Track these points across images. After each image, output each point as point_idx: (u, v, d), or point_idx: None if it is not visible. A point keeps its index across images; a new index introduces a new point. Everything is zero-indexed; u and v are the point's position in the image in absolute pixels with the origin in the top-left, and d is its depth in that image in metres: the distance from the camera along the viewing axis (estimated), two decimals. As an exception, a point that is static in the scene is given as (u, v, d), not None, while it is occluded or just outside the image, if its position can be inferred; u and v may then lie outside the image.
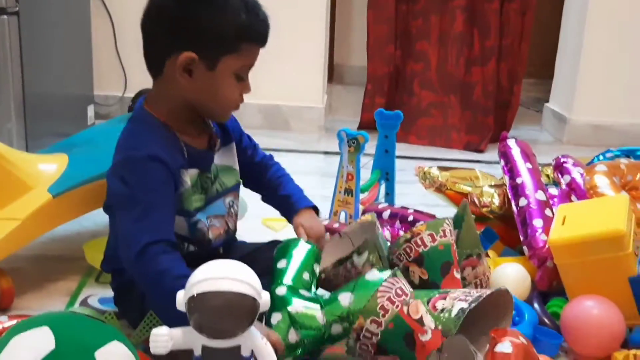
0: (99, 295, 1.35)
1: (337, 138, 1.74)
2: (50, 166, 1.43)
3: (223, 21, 1.07)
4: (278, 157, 1.38)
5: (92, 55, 2.71)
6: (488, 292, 1.03)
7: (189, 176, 1.13)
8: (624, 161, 1.58)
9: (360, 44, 2.99)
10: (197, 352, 0.86)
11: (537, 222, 1.40)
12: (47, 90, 2.23)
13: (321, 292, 1.15)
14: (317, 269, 1.16)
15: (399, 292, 1.02)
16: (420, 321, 1.00)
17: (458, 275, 1.22)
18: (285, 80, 2.90)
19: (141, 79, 2.50)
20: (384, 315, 1.00)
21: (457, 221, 1.31)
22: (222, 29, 1.07)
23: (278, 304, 1.05)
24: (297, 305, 1.05)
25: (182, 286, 0.86)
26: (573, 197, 1.52)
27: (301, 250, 1.15)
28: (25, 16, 1.99)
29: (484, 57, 2.80)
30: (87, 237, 1.57)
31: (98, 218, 1.53)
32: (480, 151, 2.76)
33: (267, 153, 1.38)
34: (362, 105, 3.01)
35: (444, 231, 1.22)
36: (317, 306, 1.06)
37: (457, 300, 1.02)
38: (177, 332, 0.86)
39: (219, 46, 1.08)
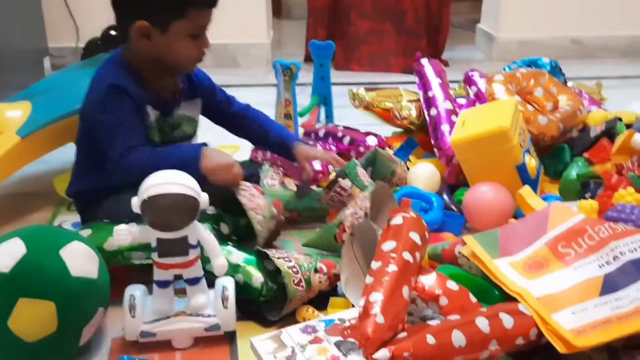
0: (72, 220, 1.52)
1: (273, 69, 1.93)
2: (16, 112, 1.60)
3: None
4: (228, 91, 1.52)
5: (42, 9, 2.80)
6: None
7: (152, 114, 1.31)
8: (522, 70, 1.79)
9: (301, -20, 3.13)
10: (154, 243, 1.06)
11: (445, 127, 1.62)
12: (2, 46, 2.34)
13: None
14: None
15: None
16: None
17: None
18: (230, 19, 2.99)
19: (92, 29, 2.68)
20: None
21: (371, 161, 1.56)
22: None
23: None
24: None
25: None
26: (477, 104, 1.74)
27: None
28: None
29: (413, -16, 2.97)
30: (55, 173, 1.74)
31: (62, 156, 1.70)
32: (418, 72, 2.95)
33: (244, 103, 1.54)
34: (305, 38, 3.17)
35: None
36: None
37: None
38: (136, 228, 1.07)
39: (166, 13, 1.25)
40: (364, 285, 0.96)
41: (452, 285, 1.03)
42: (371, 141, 1.74)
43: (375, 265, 0.98)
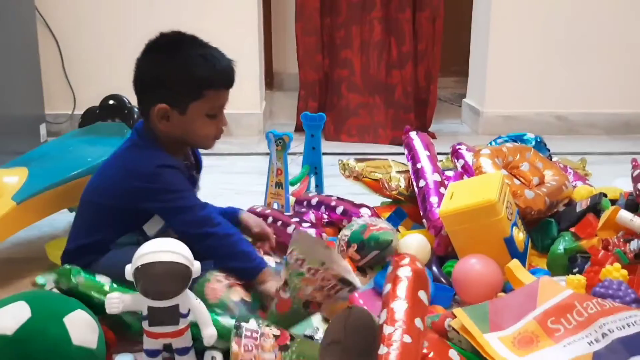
0: None
1: (266, 139, 1.97)
2: (12, 178, 1.63)
3: (185, 76, 1.32)
4: (221, 160, 1.58)
5: (41, 76, 2.86)
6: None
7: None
8: (508, 145, 1.85)
9: (295, 53, 3.22)
10: (145, 312, 1.07)
11: (433, 199, 1.65)
12: (0, 111, 2.38)
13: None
14: None
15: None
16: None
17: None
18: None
19: (88, 96, 2.72)
20: None
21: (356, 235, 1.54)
22: (185, 83, 1.32)
23: None
24: None
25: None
26: (465, 177, 1.78)
27: None
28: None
29: (401, 61, 3.08)
30: (47, 239, 1.75)
31: (55, 221, 1.72)
32: (406, 145, 3.02)
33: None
34: (297, 109, 3.25)
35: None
36: None
37: None
38: (127, 296, 1.08)
39: (185, 96, 1.33)
40: None
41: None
42: (364, 213, 1.74)
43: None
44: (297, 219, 1.71)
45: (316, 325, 1.20)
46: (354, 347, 0.97)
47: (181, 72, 1.32)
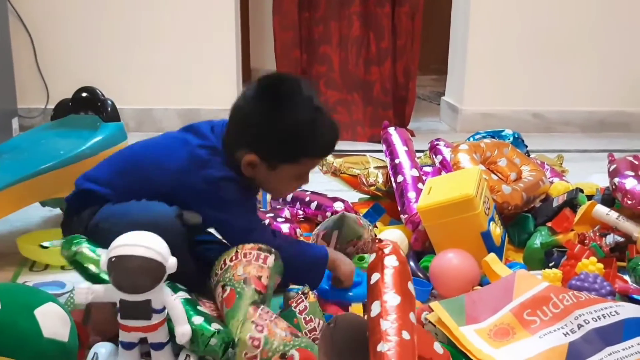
0: (33, 281, 1.47)
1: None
2: (-18, 171, 1.60)
3: (288, 135, 1.22)
4: None
5: (14, 70, 2.82)
6: None
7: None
8: (486, 141, 1.85)
9: (273, 49, 3.20)
10: (118, 304, 1.04)
11: (411, 195, 1.65)
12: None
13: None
14: None
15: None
16: None
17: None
18: (202, 86, 3.07)
19: (62, 90, 2.68)
20: None
21: (338, 224, 1.54)
22: (285, 142, 1.22)
23: None
24: None
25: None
26: (443, 173, 1.78)
27: None
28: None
29: (380, 58, 3.07)
30: (18, 233, 1.72)
31: (26, 215, 1.69)
32: (384, 142, 3.02)
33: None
34: (275, 106, 3.22)
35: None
36: None
37: None
38: (99, 287, 1.06)
39: (280, 155, 1.24)
40: None
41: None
42: (338, 206, 1.75)
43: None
44: (272, 215, 1.70)
45: None
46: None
47: (285, 133, 1.22)
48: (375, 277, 0.98)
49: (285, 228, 1.60)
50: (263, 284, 1.16)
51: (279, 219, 1.67)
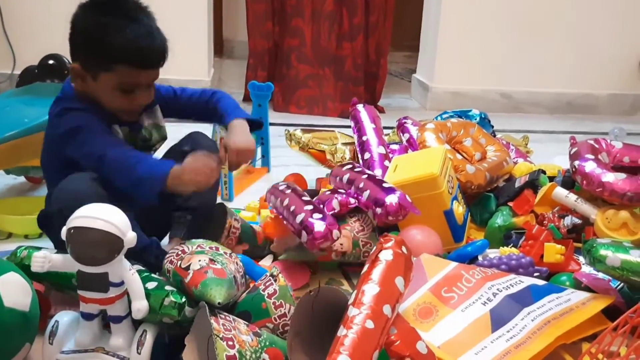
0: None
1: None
2: (-55, 138, 1.56)
3: (102, 42, 1.22)
4: (167, 127, 1.51)
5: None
6: None
7: (121, 132, 1.31)
8: (453, 120, 1.87)
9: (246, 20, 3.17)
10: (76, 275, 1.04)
11: (377, 172, 1.67)
12: None
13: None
14: None
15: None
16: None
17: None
18: (172, 56, 3.02)
19: (29, 56, 2.63)
20: None
21: None
22: (99, 49, 1.23)
23: None
24: None
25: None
26: (410, 151, 1.80)
27: None
28: None
29: (352, 33, 3.06)
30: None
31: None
32: (354, 118, 3.02)
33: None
34: (245, 78, 3.21)
35: None
36: None
37: None
38: (57, 256, 1.05)
39: (96, 63, 1.24)
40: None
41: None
42: (390, 200, 1.40)
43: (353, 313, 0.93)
44: (311, 207, 1.38)
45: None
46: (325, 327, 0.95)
47: (96, 36, 1.22)
48: (364, 268, 1.03)
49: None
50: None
51: (315, 215, 1.34)
